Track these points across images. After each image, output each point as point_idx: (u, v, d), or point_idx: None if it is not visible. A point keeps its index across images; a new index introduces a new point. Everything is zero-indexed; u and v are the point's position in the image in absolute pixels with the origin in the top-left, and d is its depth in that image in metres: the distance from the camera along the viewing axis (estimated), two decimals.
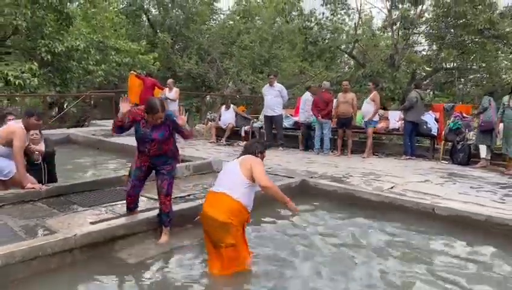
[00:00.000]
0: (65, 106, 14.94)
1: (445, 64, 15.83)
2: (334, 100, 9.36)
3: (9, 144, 4.69)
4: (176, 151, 4.15)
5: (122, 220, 4.05)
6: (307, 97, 9.90)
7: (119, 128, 4.00)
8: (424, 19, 14.23)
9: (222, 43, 21.93)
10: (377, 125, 9.47)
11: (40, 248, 3.41)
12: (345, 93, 9.12)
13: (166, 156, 4.04)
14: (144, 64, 17.07)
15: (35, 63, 12.17)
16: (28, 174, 4.97)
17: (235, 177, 3.50)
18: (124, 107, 3.95)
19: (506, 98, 7.80)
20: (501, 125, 8.10)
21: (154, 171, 4.12)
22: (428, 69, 15.81)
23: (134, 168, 4.18)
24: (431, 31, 14.93)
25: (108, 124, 12.61)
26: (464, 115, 9.05)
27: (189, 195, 5.37)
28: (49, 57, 12.71)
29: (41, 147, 5.42)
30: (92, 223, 4.09)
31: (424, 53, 16.49)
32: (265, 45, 20.48)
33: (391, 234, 4.46)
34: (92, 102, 16.59)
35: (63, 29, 13.27)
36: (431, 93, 18.28)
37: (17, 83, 11.44)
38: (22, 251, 3.31)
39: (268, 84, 10.18)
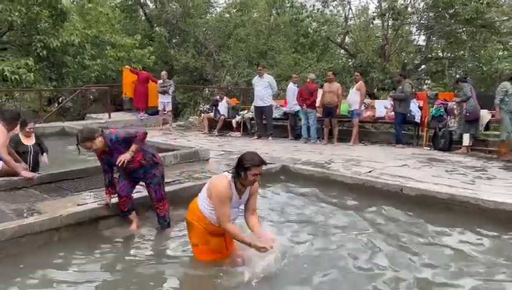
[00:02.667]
0: (60, 100, 15.20)
1: (436, 54, 16.04)
2: (319, 90, 9.63)
3: None
4: (152, 158, 4.19)
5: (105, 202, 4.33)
6: (290, 87, 10.22)
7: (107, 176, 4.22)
8: (412, 9, 14.42)
9: (218, 36, 22.11)
10: (362, 114, 9.75)
11: (29, 226, 3.72)
12: (330, 83, 9.38)
13: (143, 167, 4.13)
14: (139, 58, 17.29)
15: (30, 59, 12.42)
16: (19, 164, 5.26)
17: (204, 189, 3.49)
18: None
19: (508, 85, 7.79)
20: (481, 112, 8.38)
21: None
22: (418, 59, 15.99)
23: (122, 175, 4.27)
24: (421, 21, 15.12)
25: (104, 117, 12.94)
26: (446, 100, 9.31)
27: (174, 181, 5.64)
28: (44, 52, 12.95)
29: (32, 139, 5.79)
30: (78, 205, 4.38)
31: (415, 43, 16.69)
32: (261, 37, 20.67)
33: (359, 214, 4.77)
34: (92, 97, 16.84)
35: (58, 24, 13.48)
36: (424, 83, 18.47)
37: (13, 78, 11.72)
38: (12, 229, 3.61)
39: (258, 76, 10.45)
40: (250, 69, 19.91)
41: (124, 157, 3.95)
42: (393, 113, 9.32)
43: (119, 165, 3.97)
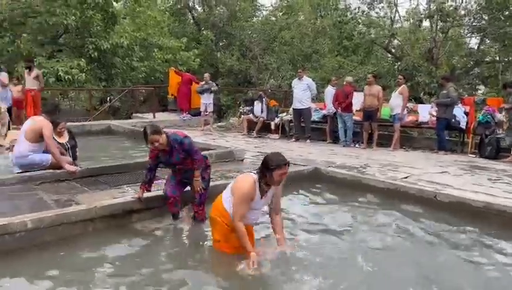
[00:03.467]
0: (108, 100, 15.92)
1: (489, 58, 15.30)
2: (355, 93, 9.47)
3: (37, 139, 5.35)
4: (205, 161, 4.29)
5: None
6: (328, 89, 10.19)
7: (150, 174, 4.30)
8: (464, 11, 13.86)
9: (264, 39, 22.28)
10: (405, 119, 9.49)
11: (65, 215, 3.94)
12: (370, 86, 9.22)
13: (193, 169, 4.21)
14: (185, 61, 17.78)
15: (83, 60, 13.14)
16: (64, 157, 5.60)
17: (229, 186, 3.58)
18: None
19: None
20: None
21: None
22: (469, 62, 15.33)
23: (172, 177, 4.38)
24: (473, 24, 14.50)
25: (149, 117, 13.41)
26: (495, 110, 8.84)
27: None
28: (96, 53, 13.66)
29: (65, 137, 6.10)
30: (114, 198, 4.59)
31: (466, 46, 16.02)
32: (306, 40, 20.61)
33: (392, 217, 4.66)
34: (142, 97, 17.54)
35: (109, 27, 14.19)
36: (476, 88, 17.67)
37: (66, 78, 12.44)
38: (50, 218, 3.85)
39: (297, 78, 10.45)
40: (294, 72, 19.90)
41: (197, 186, 4.17)
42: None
43: (196, 190, 4.17)
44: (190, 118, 13.49)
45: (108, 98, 16.05)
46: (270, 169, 3.25)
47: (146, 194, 4.41)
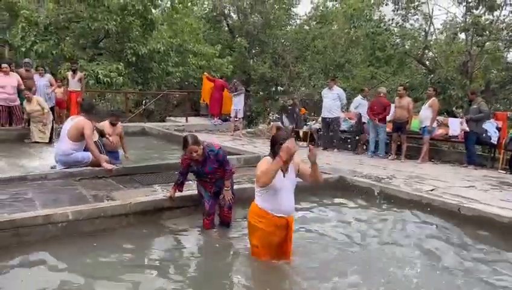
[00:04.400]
0: (144, 103, 16.48)
1: None
2: (392, 105, 9.50)
3: (79, 138, 5.72)
4: (231, 169, 4.49)
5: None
6: (356, 99, 10.31)
7: (182, 177, 4.54)
8: (502, 25, 13.59)
9: (296, 47, 22.47)
10: (434, 132, 9.45)
11: (103, 209, 4.26)
12: (401, 98, 9.24)
13: (223, 178, 4.45)
14: (218, 67, 18.18)
15: (121, 64, 13.71)
16: (103, 156, 5.97)
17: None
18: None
19: None
20: None
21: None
22: (507, 76, 14.97)
23: (204, 190, 4.53)
24: (510, 37, 14.18)
25: (182, 121, 13.82)
26: None
27: (234, 182, 5.99)
28: (133, 58, 14.21)
29: (96, 135, 6.33)
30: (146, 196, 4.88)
31: (503, 60, 15.66)
32: (339, 49, 20.64)
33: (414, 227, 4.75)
34: (175, 101, 18.07)
35: (147, 33, 14.74)
36: None
37: (105, 80, 13.01)
38: (88, 211, 4.17)
39: (327, 87, 10.57)
40: (325, 81, 19.93)
41: (228, 196, 4.41)
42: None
43: (227, 199, 4.40)
44: (221, 123, 13.82)
45: (143, 101, 16.61)
46: (279, 143, 3.35)
47: (177, 194, 4.68)
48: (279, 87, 22.40)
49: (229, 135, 12.10)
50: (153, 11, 15.18)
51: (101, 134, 6.52)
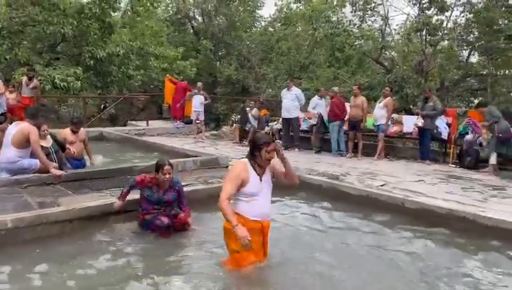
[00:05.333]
0: (102, 107, 16.19)
1: (478, 71, 15.59)
2: (347, 104, 9.70)
3: (24, 144, 5.59)
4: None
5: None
6: (313, 100, 10.50)
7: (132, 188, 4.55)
8: (451, 25, 14.16)
9: (261, 49, 22.63)
10: (389, 129, 9.72)
11: (45, 216, 4.17)
12: (356, 97, 9.47)
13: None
14: (181, 70, 18.07)
15: (79, 68, 13.42)
16: (50, 162, 5.82)
17: None
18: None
19: None
20: None
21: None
22: (458, 75, 15.61)
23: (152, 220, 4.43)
24: (463, 37, 14.79)
25: (143, 125, 13.66)
26: (477, 124, 9.03)
27: (188, 184, 5.97)
28: (92, 62, 13.94)
29: (49, 141, 6.23)
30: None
31: (458, 59, 16.28)
32: (304, 51, 20.91)
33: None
34: (141, 105, 17.81)
35: (106, 36, 14.50)
36: (466, 100, 17.92)
37: (62, 85, 12.70)
38: (30, 218, 4.08)
39: (286, 88, 10.71)
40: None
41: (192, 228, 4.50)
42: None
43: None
44: (183, 126, 13.74)
45: (102, 105, 16.31)
46: (259, 147, 3.37)
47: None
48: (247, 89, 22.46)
49: (192, 138, 12.05)
50: (112, 14, 14.95)
51: (62, 147, 6.39)
